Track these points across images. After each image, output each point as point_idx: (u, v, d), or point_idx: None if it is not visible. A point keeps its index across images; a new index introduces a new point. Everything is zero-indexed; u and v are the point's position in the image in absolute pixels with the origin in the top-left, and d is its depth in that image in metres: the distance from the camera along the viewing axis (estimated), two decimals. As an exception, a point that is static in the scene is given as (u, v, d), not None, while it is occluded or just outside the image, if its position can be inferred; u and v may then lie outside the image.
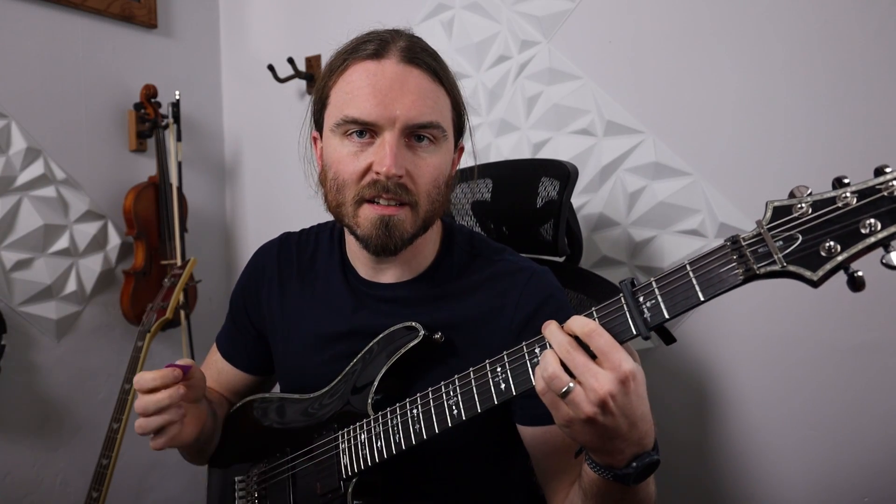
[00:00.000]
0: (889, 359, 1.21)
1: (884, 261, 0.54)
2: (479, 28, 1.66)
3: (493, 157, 1.65)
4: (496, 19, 1.64)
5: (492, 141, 1.66)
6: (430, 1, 1.75)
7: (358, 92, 0.84)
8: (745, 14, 1.31)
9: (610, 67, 1.48)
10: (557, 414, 0.66)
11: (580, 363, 0.64)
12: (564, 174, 1.21)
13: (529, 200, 1.26)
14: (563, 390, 0.64)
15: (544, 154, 1.57)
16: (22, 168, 1.74)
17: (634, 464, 0.68)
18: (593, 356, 0.64)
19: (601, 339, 0.64)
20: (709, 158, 1.37)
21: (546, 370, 0.65)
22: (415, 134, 0.85)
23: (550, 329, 0.68)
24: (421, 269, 0.97)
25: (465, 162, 1.06)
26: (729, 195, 1.35)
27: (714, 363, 1.39)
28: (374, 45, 0.86)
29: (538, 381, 0.67)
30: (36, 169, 1.76)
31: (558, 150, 1.54)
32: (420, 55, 0.87)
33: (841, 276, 0.57)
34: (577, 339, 0.66)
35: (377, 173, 0.83)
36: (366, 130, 0.85)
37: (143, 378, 0.86)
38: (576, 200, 1.39)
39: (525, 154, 1.60)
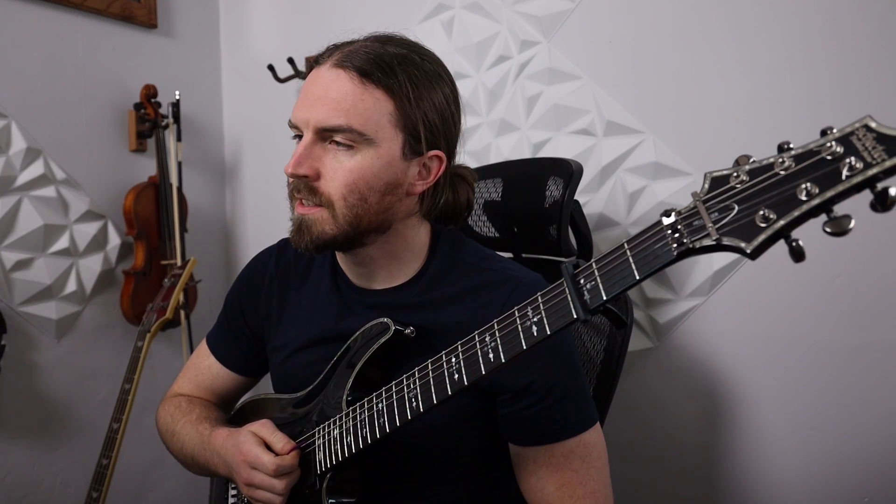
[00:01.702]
0: (889, 359, 1.21)
1: (826, 228, 0.50)
2: (479, 28, 1.66)
3: (493, 158, 1.65)
4: (496, 19, 1.64)
5: (492, 141, 1.66)
6: (430, 1, 1.75)
7: (298, 97, 0.90)
8: (746, 13, 1.31)
9: (610, 67, 1.48)
10: None
11: None
12: (568, 173, 1.21)
13: (538, 200, 1.25)
14: None
15: (544, 154, 1.57)
16: (22, 168, 1.74)
17: None
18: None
19: None
20: (709, 158, 1.37)
21: None
22: (333, 138, 0.86)
23: None
24: (410, 275, 0.97)
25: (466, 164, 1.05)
26: (729, 195, 1.35)
27: (714, 364, 1.39)
28: (325, 53, 0.90)
29: None
30: (36, 169, 1.76)
31: (558, 150, 1.54)
32: (355, 58, 0.85)
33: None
34: None
35: None
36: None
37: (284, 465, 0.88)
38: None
39: (525, 154, 1.60)
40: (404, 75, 0.86)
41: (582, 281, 0.63)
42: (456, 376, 0.73)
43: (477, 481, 1.00)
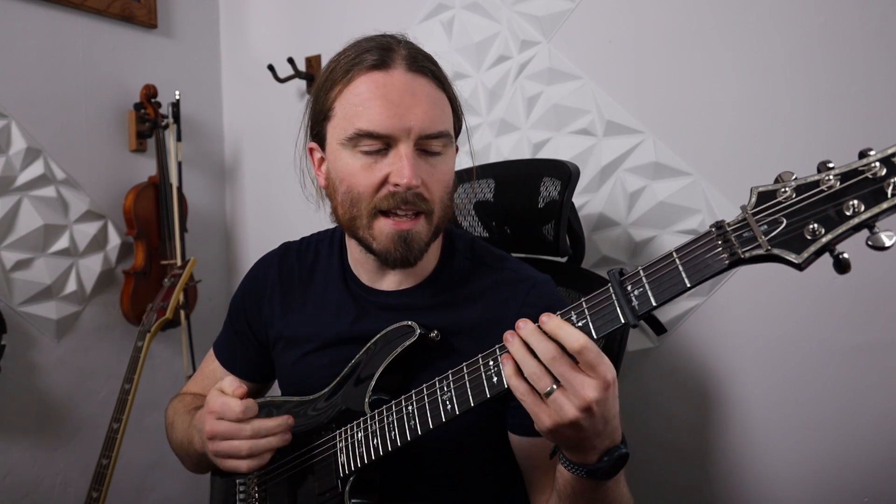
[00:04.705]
0: (889, 359, 1.21)
1: (869, 242, 0.53)
2: (479, 28, 1.66)
3: (493, 157, 1.65)
4: (496, 19, 1.64)
5: (492, 141, 1.66)
6: (430, 1, 1.74)
7: (368, 104, 0.84)
8: (745, 14, 1.31)
9: (610, 67, 1.48)
10: (540, 418, 0.67)
11: (566, 373, 0.65)
12: (566, 174, 1.21)
13: (532, 201, 1.26)
14: (547, 390, 0.66)
15: (544, 154, 1.57)
16: (22, 168, 1.74)
17: (605, 458, 0.70)
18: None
19: (591, 353, 0.65)
20: (709, 158, 1.37)
21: (527, 368, 0.67)
22: (429, 143, 0.86)
23: (530, 332, 0.68)
24: (423, 276, 0.97)
25: (464, 163, 1.06)
26: (729, 195, 1.35)
27: (714, 364, 1.39)
28: (376, 55, 0.86)
29: (516, 385, 0.69)
30: (36, 169, 1.76)
31: (558, 150, 1.54)
32: (423, 62, 0.88)
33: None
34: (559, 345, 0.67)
35: (395, 185, 0.83)
36: (378, 142, 0.85)
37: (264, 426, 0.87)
38: (576, 200, 1.40)
39: (525, 154, 1.60)
40: (448, 76, 0.92)
41: (629, 287, 0.64)
42: (495, 379, 0.73)
43: (490, 477, 1.00)
